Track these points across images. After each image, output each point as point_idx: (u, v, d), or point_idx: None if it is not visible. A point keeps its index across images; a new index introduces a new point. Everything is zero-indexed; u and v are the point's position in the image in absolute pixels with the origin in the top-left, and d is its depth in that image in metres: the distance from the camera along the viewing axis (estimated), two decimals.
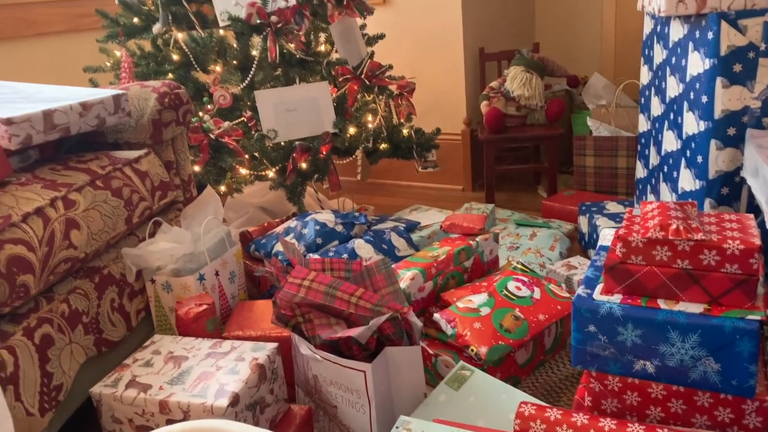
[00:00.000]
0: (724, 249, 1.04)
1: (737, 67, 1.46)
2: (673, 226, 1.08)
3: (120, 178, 1.50)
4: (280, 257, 1.77)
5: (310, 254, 1.77)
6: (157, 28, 2.01)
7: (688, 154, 1.61)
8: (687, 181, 1.61)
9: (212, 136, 1.98)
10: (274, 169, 2.12)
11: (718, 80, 1.47)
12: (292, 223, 1.91)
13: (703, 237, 1.06)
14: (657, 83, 1.84)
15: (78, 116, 1.46)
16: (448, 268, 1.58)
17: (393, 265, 1.59)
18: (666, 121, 1.77)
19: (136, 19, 2.11)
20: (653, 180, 1.91)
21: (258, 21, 1.96)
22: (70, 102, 1.46)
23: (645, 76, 1.95)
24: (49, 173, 1.42)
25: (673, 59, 1.69)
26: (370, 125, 2.29)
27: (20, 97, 1.54)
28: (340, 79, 2.20)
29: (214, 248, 1.60)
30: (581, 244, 2.16)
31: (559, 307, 1.51)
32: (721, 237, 1.06)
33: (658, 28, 1.80)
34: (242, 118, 2.08)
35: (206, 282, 1.54)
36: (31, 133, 1.36)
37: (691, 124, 1.57)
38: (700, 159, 1.54)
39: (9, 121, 1.32)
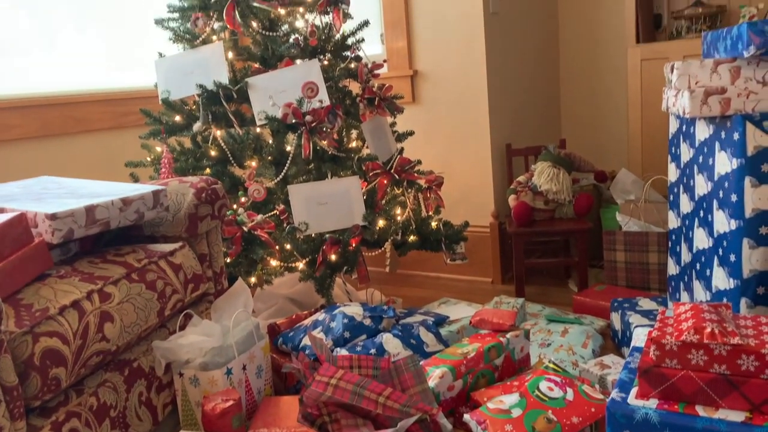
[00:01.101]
0: (763, 354, 1.01)
1: (765, 167, 1.47)
2: (708, 329, 1.06)
3: (155, 271, 1.53)
4: (307, 351, 1.76)
5: (338, 349, 1.76)
6: (197, 126, 2.11)
7: (720, 253, 1.59)
8: (721, 279, 1.59)
9: (245, 228, 2.03)
10: (304, 261, 2.14)
11: (747, 179, 1.48)
12: (321, 316, 1.91)
13: (740, 341, 1.03)
14: (685, 181, 1.85)
15: (118, 211, 1.51)
16: (478, 366, 1.56)
17: (422, 362, 1.57)
18: (696, 219, 1.76)
19: (177, 117, 2.23)
20: (686, 277, 1.89)
21: (293, 120, 2.05)
22: (112, 197, 1.52)
23: (673, 173, 1.97)
24: (87, 266, 1.46)
25: (701, 158, 1.70)
26: (399, 218, 2.32)
27: (65, 192, 1.61)
28: (371, 174, 2.25)
29: (242, 341, 1.60)
30: (614, 341, 2.11)
31: (593, 410, 1.46)
32: (759, 342, 1.04)
33: (684, 127, 1.83)
34: (275, 211, 2.14)
35: (233, 376, 1.53)
36: (73, 227, 1.41)
37: (722, 222, 1.57)
38: (733, 258, 1.52)
39: (53, 216, 1.38)
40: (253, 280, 2.14)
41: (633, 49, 2.83)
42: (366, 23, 2.32)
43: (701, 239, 1.73)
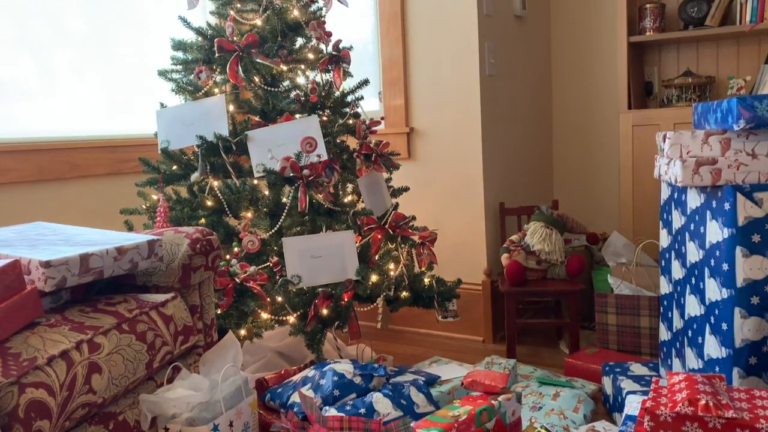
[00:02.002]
0: (758, 429, 1.01)
1: (756, 238, 1.49)
2: (702, 402, 1.05)
3: (145, 321, 1.52)
4: (296, 409, 1.73)
5: (327, 407, 1.73)
6: (195, 176, 2.13)
7: (712, 321, 1.60)
8: (713, 348, 1.59)
9: (238, 280, 2.02)
10: (295, 315, 2.13)
11: (738, 249, 1.50)
12: (310, 372, 1.89)
13: (734, 415, 1.03)
14: (677, 247, 1.87)
15: (113, 260, 1.51)
16: (469, 430, 1.53)
17: (412, 424, 1.54)
18: (688, 286, 1.78)
19: (175, 167, 2.24)
20: (678, 344, 1.89)
21: (291, 174, 2.07)
22: (107, 246, 1.51)
23: (664, 239, 1.99)
24: (78, 315, 1.44)
25: (692, 225, 1.73)
26: (392, 273, 2.32)
27: (60, 239, 1.60)
28: (365, 229, 2.26)
29: (230, 397, 1.57)
30: (605, 406, 2.09)
31: None
32: (753, 416, 1.03)
33: (675, 194, 1.86)
34: (268, 263, 2.13)
35: None
36: (67, 275, 1.40)
37: (714, 290, 1.58)
38: (725, 326, 1.52)
39: (47, 264, 1.37)
40: (243, 332, 2.12)
41: (625, 115, 2.90)
42: (366, 82, 2.37)
43: (693, 306, 1.74)
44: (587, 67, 3.33)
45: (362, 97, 2.42)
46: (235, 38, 2.18)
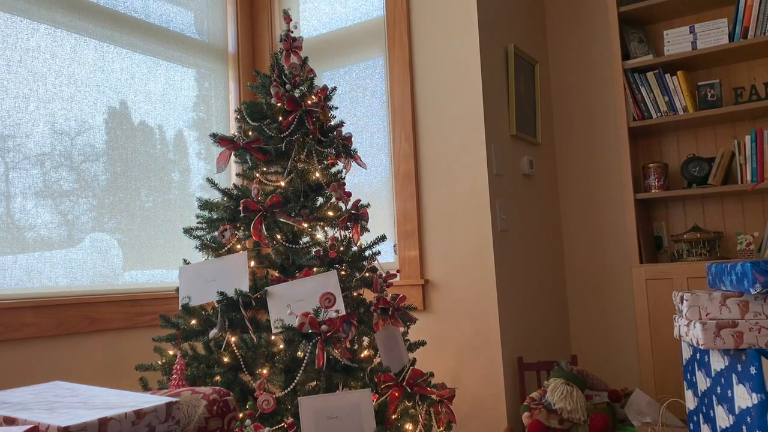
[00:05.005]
0: None
1: None
2: None
3: None
4: None
5: None
6: (213, 333, 2.14)
7: None
8: None
9: None
10: None
11: None
12: None
13: None
14: (705, 411, 1.82)
15: (130, 425, 1.48)
16: None
17: None
18: None
19: (194, 322, 2.26)
20: None
21: (309, 330, 2.07)
22: (125, 410, 1.49)
23: (690, 401, 1.94)
24: None
25: (718, 389, 1.69)
26: None
27: (78, 401, 1.59)
28: (383, 386, 2.22)
29: None
30: None
31: None
32: None
33: (698, 355, 1.84)
34: (283, 424, 2.07)
35: None
36: None
37: None
38: None
39: (66, 430, 1.35)
40: None
41: (637, 269, 2.94)
42: (383, 238, 2.45)
43: None
44: (596, 222, 3.43)
45: (379, 252, 2.49)
46: (259, 198, 2.29)
